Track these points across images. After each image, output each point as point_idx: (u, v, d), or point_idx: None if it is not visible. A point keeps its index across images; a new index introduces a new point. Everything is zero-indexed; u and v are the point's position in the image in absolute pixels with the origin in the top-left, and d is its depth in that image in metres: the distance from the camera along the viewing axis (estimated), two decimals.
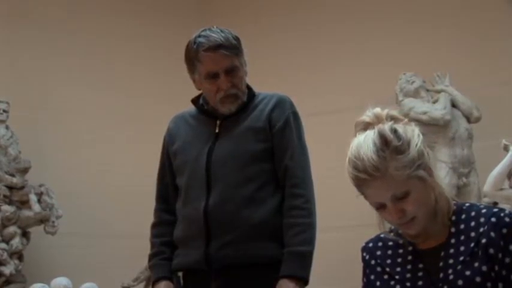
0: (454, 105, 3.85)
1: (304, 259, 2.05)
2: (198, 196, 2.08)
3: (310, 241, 2.07)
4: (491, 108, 3.82)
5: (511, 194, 3.41)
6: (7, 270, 3.60)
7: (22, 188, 3.75)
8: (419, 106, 3.81)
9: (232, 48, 2.11)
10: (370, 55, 4.20)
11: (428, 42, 4.07)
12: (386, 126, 1.49)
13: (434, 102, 3.86)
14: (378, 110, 1.55)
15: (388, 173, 1.46)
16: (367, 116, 1.54)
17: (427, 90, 3.93)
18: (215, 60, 2.09)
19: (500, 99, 3.86)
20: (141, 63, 4.45)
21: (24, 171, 3.74)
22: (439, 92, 3.91)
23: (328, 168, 4.10)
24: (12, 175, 3.72)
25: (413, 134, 1.51)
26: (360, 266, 1.66)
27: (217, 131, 2.14)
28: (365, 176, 1.47)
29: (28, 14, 4.14)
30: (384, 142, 1.47)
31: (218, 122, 2.15)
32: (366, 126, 1.53)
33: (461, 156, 3.73)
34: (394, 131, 1.48)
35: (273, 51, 4.20)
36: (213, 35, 2.11)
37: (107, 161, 4.19)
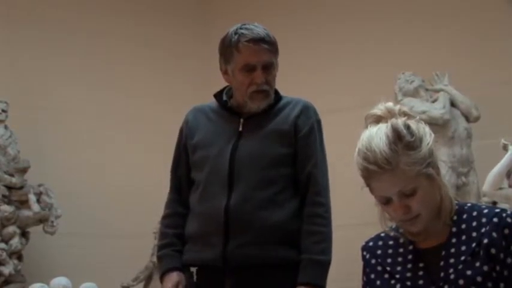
0: (453, 104, 3.85)
1: (323, 268, 2.09)
2: (219, 194, 2.08)
3: (329, 251, 2.11)
4: (491, 108, 3.82)
5: (510, 193, 3.41)
6: (6, 270, 3.60)
7: (21, 187, 3.74)
8: (419, 105, 3.81)
9: (272, 44, 2.13)
10: (370, 55, 4.20)
11: (428, 42, 4.07)
12: (399, 121, 1.49)
13: (434, 101, 3.87)
14: (390, 104, 1.55)
15: (399, 167, 1.45)
16: (379, 110, 1.54)
17: (426, 90, 3.93)
18: (255, 53, 2.09)
19: (500, 99, 3.86)
20: (141, 63, 4.45)
21: (23, 171, 3.74)
22: (438, 91, 3.91)
23: (329, 167, 4.10)
24: (12, 175, 3.72)
25: (425, 132, 1.51)
26: (360, 265, 1.66)
27: (240, 129, 2.14)
28: (375, 168, 1.46)
29: (28, 14, 4.14)
30: (396, 136, 1.47)
31: (242, 121, 2.14)
32: (378, 119, 1.53)
33: (460, 156, 3.73)
34: (408, 127, 1.48)
35: None
36: (256, 28, 2.12)
37: (107, 161, 4.19)
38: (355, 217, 3.87)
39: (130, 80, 4.40)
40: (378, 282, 1.57)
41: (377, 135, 1.48)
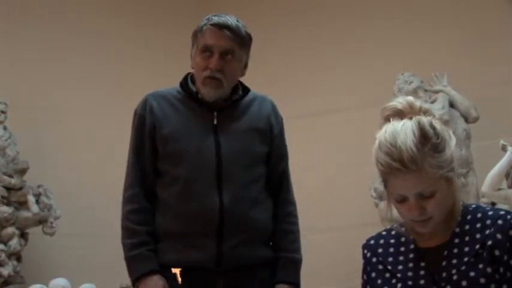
0: (452, 105, 3.85)
1: (299, 266, 2.13)
2: (207, 192, 2.02)
3: (301, 249, 2.15)
4: (491, 108, 3.83)
5: (509, 194, 3.40)
6: (5, 271, 3.59)
7: (20, 188, 3.74)
8: None
9: (237, 35, 2.07)
10: (370, 55, 4.20)
11: (428, 42, 4.07)
12: (426, 120, 1.45)
13: (433, 102, 3.87)
14: (411, 98, 1.51)
15: (424, 168, 1.42)
16: (399, 103, 1.50)
17: (425, 91, 3.93)
18: (216, 36, 2.05)
19: (500, 99, 3.87)
20: (140, 63, 4.44)
21: (23, 172, 3.74)
22: (437, 92, 3.91)
23: (329, 167, 4.11)
24: (11, 176, 3.71)
25: (449, 134, 1.49)
26: (360, 265, 1.65)
27: (215, 122, 2.08)
28: (399, 166, 1.42)
29: (28, 15, 4.14)
30: (424, 136, 1.43)
31: (215, 114, 2.08)
32: (397, 113, 1.49)
33: (459, 157, 3.72)
34: (434, 128, 1.45)
35: (273, 51, 4.20)
36: (227, 17, 2.09)
37: (106, 161, 4.18)
38: (354, 217, 3.88)
39: (130, 80, 4.39)
40: (379, 281, 1.56)
41: (402, 131, 1.43)
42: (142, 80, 4.43)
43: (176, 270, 2.05)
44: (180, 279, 2.05)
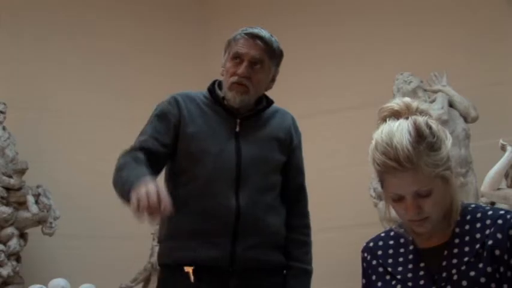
0: (451, 105, 3.85)
1: (309, 278, 2.17)
2: (225, 193, 2.06)
3: (312, 262, 2.19)
4: (490, 108, 3.83)
5: (508, 193, 3.40)
6: (4, 271, 3.60)
7: (19, 189, 3.74)
8: None
9: (268, 46, 2.12)
10: (370, 55, 4.21)
11: (428, 42, 4.08)
12: (421, 120, 1.46)
13: (432, 102, 3.87)
14: (408, 99, 1.53)
15: (420, 167, 1.43)
16: (396, 104, 1.51)
17: (425, 90, 3.93)
18: (248, 45, 2.10)
19: (499, 99, 3.87)
20: (141, 64, 4.44)
21: (22, 172, 3.74)
22: (436, 92, 3.91)
23: (329, 167, 4.12)
24: (10, 176, 3.71)
25: (446, 134, 1.50)
26: (360, 265, 1.65)
27: (237, 129, 2.13)
28: (395, 165, 1.43)
29: (28, 15, 4.14)
30: (419, 135, 1.44)
31: (238, 121, 2.14)
32: (394, 113, 1.50)
33: (458, 156, 3.72)
34: (430, 127, 1.46)
35: None
36: (261, 29, 2.14)
37: (106, 162, 4.17)
38: (354, 217, 3.88)
39: (129, 81, 4.40)
40: (379, 284, 1.56)
41: (398, 131, 1.45)
42: (142, 81, 4.45)
43: (189, 269, 2.06)
44: (192, 278, 2.05)
